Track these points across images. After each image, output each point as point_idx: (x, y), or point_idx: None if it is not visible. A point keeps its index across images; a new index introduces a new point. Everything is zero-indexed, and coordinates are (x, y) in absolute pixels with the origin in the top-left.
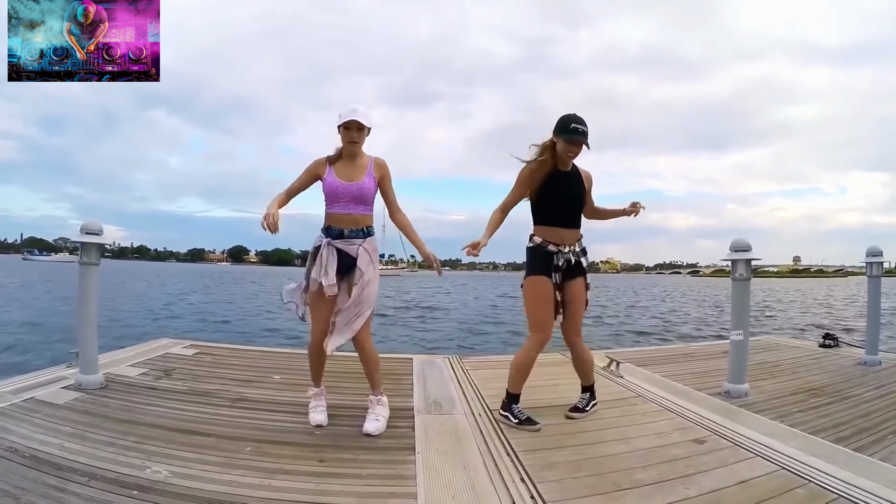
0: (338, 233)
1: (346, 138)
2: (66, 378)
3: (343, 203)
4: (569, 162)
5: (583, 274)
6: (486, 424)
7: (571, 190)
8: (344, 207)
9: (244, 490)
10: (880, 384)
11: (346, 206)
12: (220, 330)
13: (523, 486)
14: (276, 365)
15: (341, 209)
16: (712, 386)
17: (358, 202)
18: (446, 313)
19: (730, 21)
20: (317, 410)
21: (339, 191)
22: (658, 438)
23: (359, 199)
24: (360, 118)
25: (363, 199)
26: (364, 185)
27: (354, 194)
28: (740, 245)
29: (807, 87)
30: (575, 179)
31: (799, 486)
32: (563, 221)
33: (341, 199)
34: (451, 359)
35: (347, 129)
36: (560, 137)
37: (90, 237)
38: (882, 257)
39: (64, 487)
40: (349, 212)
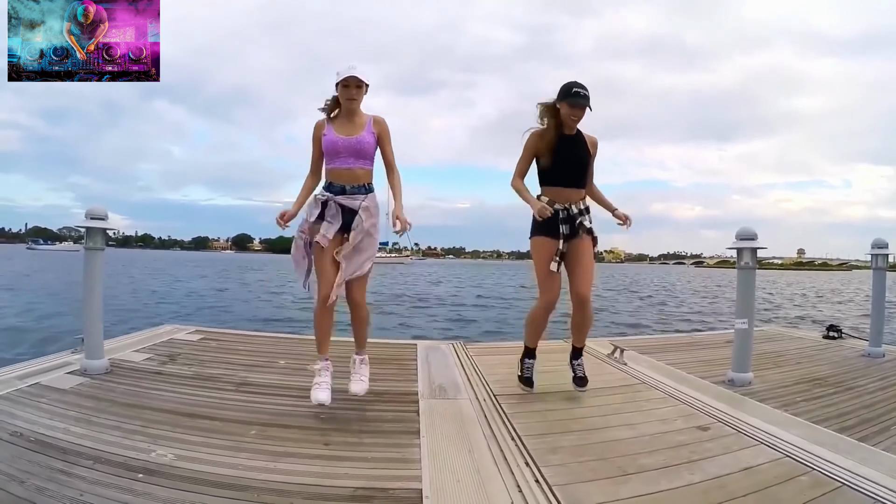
0: (339, 189)
1: (344, 96)
2: (72, 363)
3: (343, 158)
4: (573, 125)
5: (589, 233)
6: (490, 409)
7: (577, 152)
8: (344, 162)
9: (249, 473)
10: (884, 376)
11: (345, 160)
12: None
13: (528, 470)
14: (281, 350)
15: (341, 164)
16: (716, 374)
17: (357, 156)
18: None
19: (735, 10)
20: (320, 387)
21: (338, 145)
22: (662, 425)
23: (358, 154)
24: (358, 74)
25: (362, 153)
26: (363, 139)
27: (354, 148)
28: (746, 233)
29: (813, 77)
30: (580, 143)
31: (803, 474)
32: (569, 182)
33: (341, 153)
34: (456, 344)
35: (346, 87)
36: (564, 102)
37: (95, 222)
38: (888, 249)
39: (70, 471)
40: (349, 167)
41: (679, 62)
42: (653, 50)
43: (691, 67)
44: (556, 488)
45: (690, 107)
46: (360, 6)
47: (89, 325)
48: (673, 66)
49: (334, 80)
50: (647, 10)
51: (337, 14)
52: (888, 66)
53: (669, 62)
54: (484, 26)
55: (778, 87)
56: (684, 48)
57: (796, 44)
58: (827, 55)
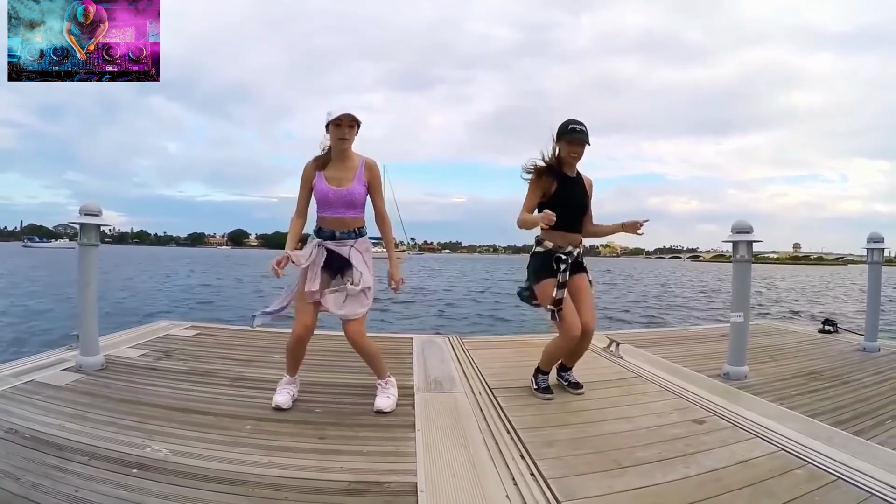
0: (329, 234)
1: (336, 135)
2: (67, 360)
3: (334, 208)
4: (574, 164)
5: (584, 271)
6: (486, 403)
7: (578, 196)
8: (334, 212)
9: (244, 467)
10: (879, 370)
11: (336, 210)
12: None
13: (523, 463)
14: (276, 345)
15: (332, 213)
16: (712, 368)
17: (348, 207)
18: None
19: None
20: (282, 393)
21: (329, 197)
22: (658, 418)
23: (349, 205)
24: (352, 111)
25: (353, 203)
26: (354, 191)
27: (345, 200)
28: (742, 227)
29: (810, 73)
30: (580, 186)
31: (798, 468)
32: (570, 226)
33: (332, 204)
34: (452, 338)
35: (338, 126)
36: (562, 141)
37: (89, 218)
38: (883, 244)
39: (65, 467)
40: (339, 216)
41: (677, 58)
42: (651, 46)
43: (689, 63)
44: (552, 481)
45: (688, 102)
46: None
47: (84, 321)
48: (671, 62)
49: (325, 120)
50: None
51: (337, 10)
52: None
53: (667, 58)
54: (482, 23)
55: (775, 82)
56: (682, 44)
57: (794, 39)
58: (825, 50)
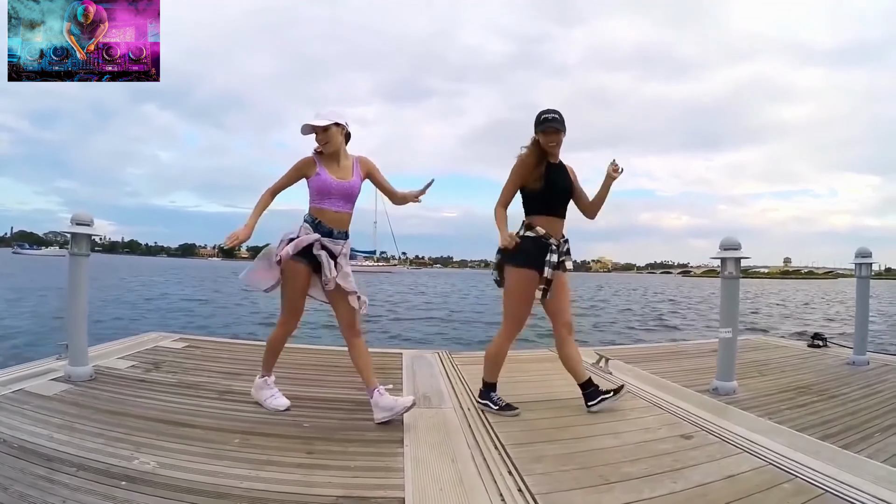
0: (327, 231)
1: (317, 142)
2: (56, 370)
3: (334, 200)
4: (555, 153)
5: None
6: (474, 418)
7: (563, 182)
8: (334, 205)
9: (231, 481)
10: (868, 384)
11: (335, 203)
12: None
13: (511, 479)
14: None
15: (331, 206)
16: (701, 383)
17: (347, 200)
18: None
19: (723, 22)
20: (277, 397)
21: (332, 188)
22: (646, 433)
23: (348, 198)
24: (311, 122)
25: (352, 197)
26: (354, 184)
27: (346, 192)
28: (730, 243)
29: (800, 88)
30: (564, 172)
31: (785, 482)
32: (557, 211)
33: (333, 195)
34: (441, 353)
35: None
36: (538, 132)
37: (80, 228)
38: (871, 258)
39: (52, 478)
40: (338, 210)
41: (668, 72)
42: (642, 60)
43: (680, 78)
44: (539, 497)
45: (678, 117)
46: (354, 12)
47: (73, 331)
48: (662, 77)
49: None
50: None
51: (331, 19)
52: (874, 76)
53: (658, 72)
54: (475, 35)
55: (766, 97)
56: (673, 59)
57: (784, 55)
58: (814, 66)
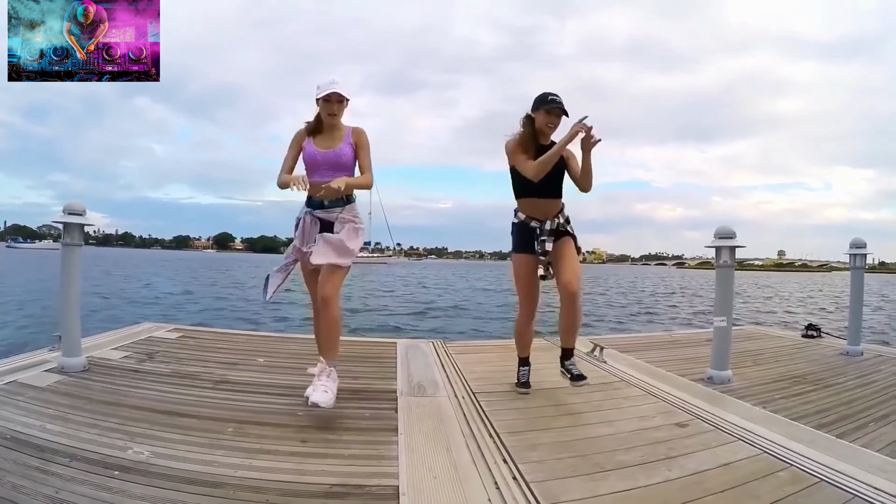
0: (318, 204)
1: (326, 111)
2: (49, 361)
3: (322, 171)
4: (549, 134)
5: (570, 235)
6: (469, 407)
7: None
8: (322, 176)
9: (225, 470)
10: (862, 373)
11: (324, 174)
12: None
13: (505, 467)
14: (260, 348)
15: (320, 178)
16: (696, 372)
17: (336, 169)
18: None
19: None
20: (317, 389)
21: (318, 159)
22: (641, 422)
23: (337, 167)
24: (340, 90)
25: (341, 165)
26: (342, 152)
27: (332, 161)
28: (725, 232)
29: (794, 80)
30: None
31: (781, 470)
32: (547, 192)
33: (320, 167)
34: (436, 343)
35: (328, 102)
36: (539, 111)
37: (73, 217)
38: (865, 249)
39: (46, 469)
40: (327, 181)
41: (662, 64)
42: (636, 52)
43: (674, 69)
44: (534, 485)
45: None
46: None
47: (66, 322)
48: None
49: (315, 95)
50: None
51: (323, 12)
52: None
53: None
54: (468, 27)
55: (760, 89)
56: (667, 51)
57: (778, 47)
58: (808, 58)
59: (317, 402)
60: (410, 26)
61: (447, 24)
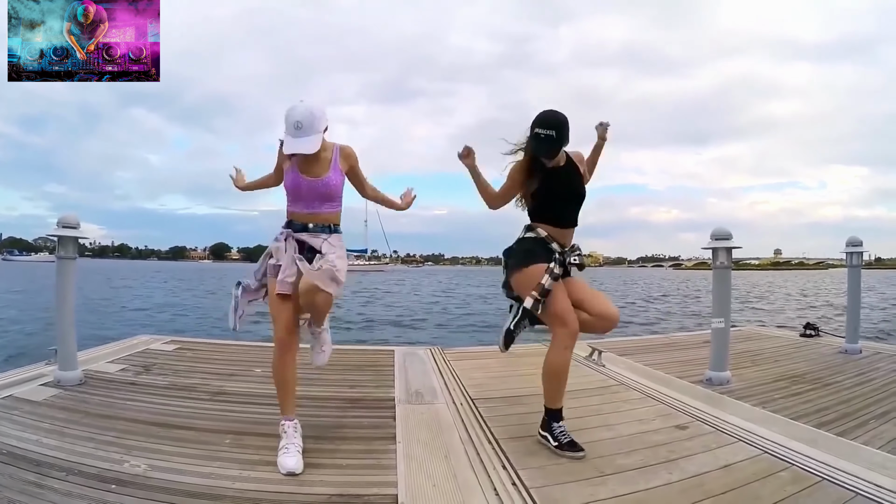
0: (301, 227)
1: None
2: (45, 375)
3: (306, 201)
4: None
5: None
6: (467, 414)
7: (569, 185)
8: (307, 206)
9: (223, 482)
10: (861, 372)
11: (309, 204)
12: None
13: (505, 473)
14: (257, 359)
15: (304, 208)
16: (694, 374)
17: (324, 200)
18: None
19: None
20: (289, 452)
21: (301, 188)
22: (640, 425)
23: (325, 197)
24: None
25: (329, 196)
26: (330, 181)
27: (320, 191)
28: (721, 234)
29: (788, 83)
30: (569, 173)
31: (782, 470)
32: (562, 221)
33: (304, 197)
34: (433, 350)
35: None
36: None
37: (67, 230)
38: (862, 247)
39: (42, 483)
40: (313, 211)
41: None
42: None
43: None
44: (534, 490)
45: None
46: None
47: (62, 335)
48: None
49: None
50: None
51: (320, 21)
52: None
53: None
54: (464, 36)
55: (754, 92)
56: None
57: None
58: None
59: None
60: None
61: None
